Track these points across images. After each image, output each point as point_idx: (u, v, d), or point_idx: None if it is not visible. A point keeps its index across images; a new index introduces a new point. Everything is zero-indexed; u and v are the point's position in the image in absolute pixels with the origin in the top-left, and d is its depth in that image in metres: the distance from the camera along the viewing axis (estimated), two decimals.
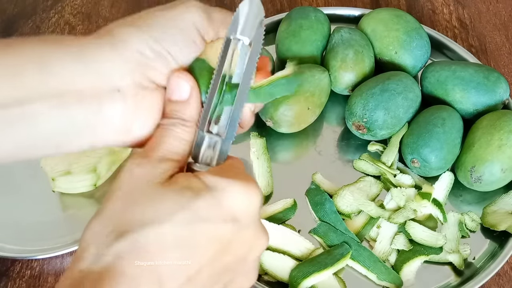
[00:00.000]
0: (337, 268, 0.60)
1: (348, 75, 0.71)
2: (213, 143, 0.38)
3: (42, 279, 0.62)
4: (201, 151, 0.38)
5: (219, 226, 0.34)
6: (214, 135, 0.38)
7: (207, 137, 0.38)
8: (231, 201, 0.34)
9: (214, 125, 0.38)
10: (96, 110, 0.35)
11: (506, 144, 0.64)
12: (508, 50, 0.82)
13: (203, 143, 0.38)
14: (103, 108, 0.35)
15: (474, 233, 0.65)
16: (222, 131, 0.38)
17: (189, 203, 0.33)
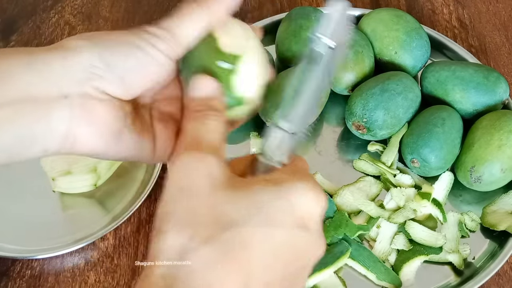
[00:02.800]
0: (337, 267, 0.60)
1: (348, 75, 0.71)
2: (281, 138, 0.37)
3: (42, 279, 0.62)
4: (269, 145, 0.37)
5: (292, 231, 0.33)
6: (283, 130, 0.37)
7: (277, 132, 0.37)
8: (301, 203, 0.33)
9: (283, 121, 0.37)
10: (44, 116, 0.35)
11: (506, 144, 0.64)
12: (508, 50, 0.82)
13: (273, 138, 0.37)
14: (50, 114, 0.35)
15: (474, 233, 0.65)
16: (291, 126, 0.37)
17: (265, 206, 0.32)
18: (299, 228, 0.33)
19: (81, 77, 0.36)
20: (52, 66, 0.35)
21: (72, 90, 0.36)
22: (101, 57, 0.36)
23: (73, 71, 0.36)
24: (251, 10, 0.85)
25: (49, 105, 0.35)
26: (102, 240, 0.64)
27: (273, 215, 0.32)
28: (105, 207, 0.66)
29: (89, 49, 0.36)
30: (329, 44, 0.38)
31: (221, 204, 0.32)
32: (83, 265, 0.63)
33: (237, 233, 0.31)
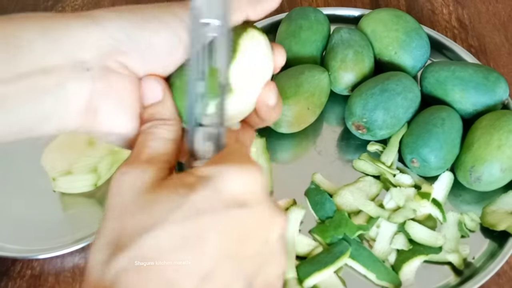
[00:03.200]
0: (337, 266, 0.60)
1: (347, 75, 0.71)
2: (207, 135, 0.36)
3: (42, 279, 0.62)
4: (195, 146, 0.36)
5: (223, 214, 0.31)
6: (206, 127, 0.36)
7: (199, 130, 0.36)
8: (229, 185, 0.32)
9: (203, 117, 0.36)
10: (64, 88, 0.33)
11: (506, 144, 0.64)
12: (507, 50, 0.82)
13: (196, 137, 0.36)
14: (71, 86, 0.33)
15: (474, 233, 0.65)
16: (213, 120, 0.36)
17: (183, 199, 0.31)
18: (234, 208, 0.31)
19: (104, 50, 0.34)
20: (72, 36, 0.33)
21: (94, 63, 0.34)
22: (126, 31, 0.34)
23: (95, 43, 0.34)
24: None
25: (67, 77, 0.33)
26: None
27: (197, 205, 0.31)
28: (105, 207, 0.66)
29: (114, 21, 0.34)
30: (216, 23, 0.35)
31: (138, 211, 0.31)
32: (84, 265, 0.63)
33: (154, 235, 0.30)
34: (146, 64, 0.36)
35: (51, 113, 0.34)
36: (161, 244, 0.30)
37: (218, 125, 0.36)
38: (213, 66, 0.36)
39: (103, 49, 0.34)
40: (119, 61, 0.35)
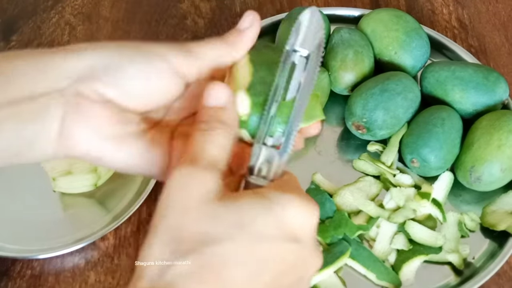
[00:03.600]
0: (337, 266, 0.60)
1: (347, 75, 0.71)
2: (268, 156, 0.37)
3: (42, 279, 0.62)
4: (257, 163, 0.37)
5: (280, 245, 0.33)
6: (270, 148, 0.37)
7: (263, 149, 0.37)
8: (290, 217, 0.33)
9: (269, 138, 0.37)
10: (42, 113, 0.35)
11: (505, 144, 0.64)
12: (507, 50, 0.82)
13: (259, 155, 0.37)
14: (47, 111, 0.35)
15: (474, 233, 0.65)
16: (278, 144, 0.37)
17: (251, 220, 0.32)
18: (289, 241, 0.33)
19: (79, 76, 0.36)
20: (52, 66, 0.36)
21: (68, 89, 0.35)
22: (102, 59, 0.36)
23: (71, 70, 0.36)
24: None
25: (46, 103, 0.35)
26: (103, 240, 0.64)
27: (258, 230, 0.32)
28: (105, 207, 0.66)
29: (91, 51, 0.36)
30: (302, 54, 0.38)
31: (206, 220, 0.32)
32: (84, 265, 0.63)
33: (217, 249, 0.31)
34: (123, 93, 0.36)
35: (33, 139, 0.35)
36: (224, 257, 0.31)
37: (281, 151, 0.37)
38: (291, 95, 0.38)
39: (78, 76, 0.36)
40: (93, 88, 0.36)
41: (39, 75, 0.35)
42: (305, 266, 0.34)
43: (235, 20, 0.84)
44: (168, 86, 0.38)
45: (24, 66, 0.36)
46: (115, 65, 0.36)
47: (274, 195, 0.33)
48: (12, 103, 0.35)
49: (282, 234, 0.33)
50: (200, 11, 0.86)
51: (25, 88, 0.35)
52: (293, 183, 0.36)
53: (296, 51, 0.38)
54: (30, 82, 0.35)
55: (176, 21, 0.84)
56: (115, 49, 0.37)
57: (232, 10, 0.86)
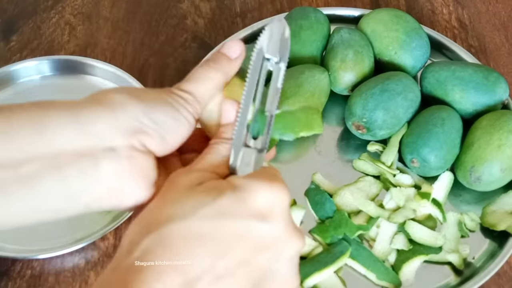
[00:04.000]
0: (337, 266, 0.60)
1: (347, 75, 0.71)
2: (249, 156, 0.39)
3: (42, 279, 0.62)
4: (237, 164, 0.39)
5: (244, 222, 0.34)
6: (251, 148, 0.40)
7: (244, 150, 0.39)
8: (255, 198, 0.35)
9: (250, 139, 0.40)
10: (90, 169, 0.36)
11: (505, 144, 0.64)
12: (507, 50, 0.82)
13: (240, 156, 0.39)
14: (97, 167, 0.36)
15: (474, 233, 0.65)
16: (257, 143, 0.40)
17: (213, 200, 0.34)
18: (255, 220, 0.34)
19: (128, 130, 0.37)
20: (100, 120, 0.36)
21: (119, 143, 0.36)
22: (146, 113, 0.37)
23: (121, 124, 0.37)
24: (251, 10, 0.86)
25: (95, 158, 0.36)
26: (103, 240, 0.64)
27: (223, 208, 0.34)
28: None
29: (135, 105, 0.37)
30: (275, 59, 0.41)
31: (174, 201, 0.34)
32: (84, 265, 0.63)
33: (179, 224, 0.33)
34: (163, 142, 0.38)
35: (77, 191, 0.36)
36: (185, 234, 0.33)
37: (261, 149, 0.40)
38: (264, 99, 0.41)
39: (127, 130, 0.37)
40: (141, 140, 0.37)
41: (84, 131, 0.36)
42: (280, 245, 0.35)
43: (235, 20, 0.84)
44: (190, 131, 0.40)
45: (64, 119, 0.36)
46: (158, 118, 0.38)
47: (238, 180, 0.36)
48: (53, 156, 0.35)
49: (246, 213, 0.34)
50: (200, 11, 0.86)
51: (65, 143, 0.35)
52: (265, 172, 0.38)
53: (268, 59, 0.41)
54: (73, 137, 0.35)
55: (176, 21, 0.85)
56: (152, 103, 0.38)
57: (232, 10, 0.86)
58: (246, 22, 0.83)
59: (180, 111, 0.39)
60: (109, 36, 0.83)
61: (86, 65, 0.77)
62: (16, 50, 0.81)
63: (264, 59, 0.41)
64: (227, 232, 0.34)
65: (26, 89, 0.76)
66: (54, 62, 0.77)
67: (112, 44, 0.82)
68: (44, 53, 0.80)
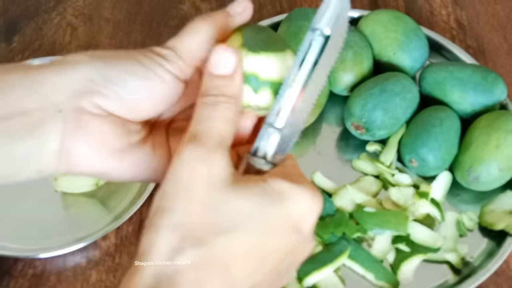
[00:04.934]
0: (337, 265, 0.61)
1: (347, 76, 0.71)
2: (273, 137, 0.36)
3: (44, 278, 0.63)
4: (263, 145, 0.36)
5: (285, 236, 0.33)
6: (279, 131, 0.36)
7: (272, 132, 0.36)
8: (299, 211, 0.34)
9: (276, 118, 0.36)
10: (36, 132, 0.33)
11: (504, 144, 0.64)
12: (506, 51, 0.82)
13: (268, 137, 0.36)
14: (42, 129, 0.34)
15: (472, 232, 0.65)
16: (284, 125, 0.36)
17: (261, 213, 0.32)
18: (293, 232, 0.34)
19: (77, 90, 0.34)
20: (46, 79, 0.34)
21: (66, 104, 0.34)
22: (100, 71, 0.34)
23: (68, 84, 0.34)
24: None
25: (42, 119, 0.33)
26: (104, 239, 0.65)
27: (268, 222, 0.33)
28: (106, 206, 0.66)
29: (87, 63, 0.35)
30: (325, 33, 0.36)
31: (218, 207, 0.32)
32: (85, 264, 0.63)
33: (227, 240, 0.31)
34: (124, 104, 0.35)
35: (28, 156, 0.34)
36: (233, 249, 0.32)
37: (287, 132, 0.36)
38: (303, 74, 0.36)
39: (75, 91, 0.34)
40: (93, 102, 0.34)
41: (32, 90, 0.34)
42: (300, 253, 0.35)
43: None
44: (170, 93, 0.36)
45: (15, 80, 0.34)
46: (116, 77, 0.35)
47: (284, 186, 0.33)
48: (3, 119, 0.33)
49: (288, 226, 0.33)
50: (201, 12, 0.86)
51: (15, 103, 0.33)
52: (296, 170, 0.36)
53: (315, 30, 0.36)
54: (22, 97, 0.33)
55: (176, 22, 0.85)
56: (113, 60, 0.35)
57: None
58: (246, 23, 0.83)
59: (151, 68, 0.35)
60: (110, 37, 0.83)
61: None
62: (18, 51, 0.81)
63: (313, 29, 0.36)
64: (269, 247, 0.33)
65: None
66: None
67: (113, 45, 0.82)
68: (45, 54, 0.80)
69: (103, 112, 0.35)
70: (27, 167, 0.34)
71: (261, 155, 0.36)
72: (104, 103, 0.35)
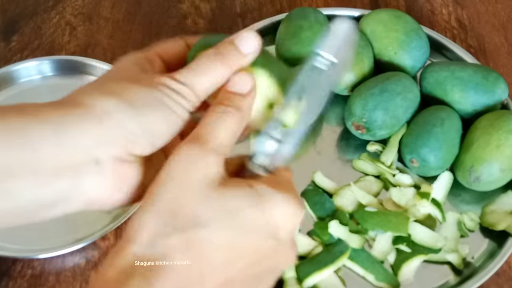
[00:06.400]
0: (337, 266, 0.60)
1: (347, 75, 0.71)
2: (273, 148, 0.38)
3: (43, 278, 0.63)
4: (259, 152, 0.38)
5: (261, 240, 0.35)
6: (277, 140, 0.38)
7: (270, 141, 0.38)
8: (277, 217, 0.35)
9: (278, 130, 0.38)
10: (73, 182, 0.35)
11: (505, 144, 0.64)
12: (507, 50, 0.82)
13: (265, 145, 0.38)
14: (80, 180, 0.35)
15: (473, 233, 0.65)
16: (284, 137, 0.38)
17: (240, 212, 0.34)
18: (270, 238, 0.35)
19: (115, 141, 0.35)
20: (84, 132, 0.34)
21: (104, 155, 0.35)
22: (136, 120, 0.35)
23: (107, 135, 0.35)
24: (251, 11, 0.86)
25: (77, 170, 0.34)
26: (103, 239, 0.65)
27: (244, 222, 0.34)
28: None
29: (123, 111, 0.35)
30: (332, 60, 0.38)
31: (201, 202, 0.34)
32: (84, 265, 0.63)
33: (205, 231, 0.33)
34: (151, 148, 0.37)
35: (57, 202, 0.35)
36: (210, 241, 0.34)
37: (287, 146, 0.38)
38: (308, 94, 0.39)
39: (112, 140, 0.35)
40: (127, 149, 0.36)
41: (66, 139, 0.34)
42: (278, 259, 0.36)
43: (235, 20, 0.84)
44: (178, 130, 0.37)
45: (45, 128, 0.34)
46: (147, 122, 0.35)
47: (267, 192, 0.35)
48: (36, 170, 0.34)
49: (265, 231, 0.35)
50: (200, 11, 0.86)
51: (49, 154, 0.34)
52: (288, 181, 0.37)
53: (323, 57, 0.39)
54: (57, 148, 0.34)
55: (176, 21, 0.85)
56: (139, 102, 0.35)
57: (232, 10, 0.86)
58: (246, 23, 0.83)
59: (173, 109, 0.36)
60: (110, 36, 0.83)
61: (87, 66, 0.77)
62: (16, 50, 0.81)
63: (315, 53, 0.38)
64: (243, 246, 0.34)
65: (26, 89, 0.76)
66: (55, 63, 0.77)
67: (113, 45, 0.82)
68: (44, 53, 0.80)
69: (132, 157, 0.36)
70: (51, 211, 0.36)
71: (257, 162, 0.38)
72: (137, 150, 0.36)
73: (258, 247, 0.35)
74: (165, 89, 0.36)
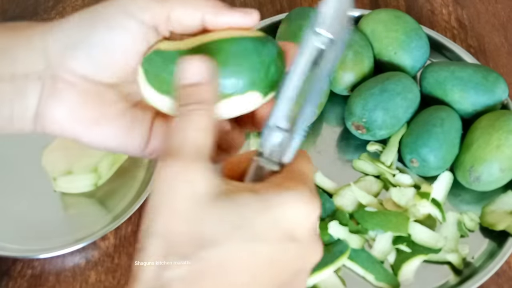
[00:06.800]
0: (337, 266, 0.60)
1: (347, 75, 0.71)
2: (280, 139, 0.35)
3: (43, 278, 0.63)
4: (267, 145, 0.35)
5: (279, 245, 0.32)
6: (282, 130, 0.35)
7: (275, 132, 0.35)
8: (290, 218, 0.32)
9: (284, 120, 0.35)
10: (22, 95, 0.37)
11: (505, 144, 0.64)
12: (507, 50, 0.82)
13: (271, 137, 0.35)
14: (27, 94, 0.37)
15: (473, 233, 0.65)
16: (291, 127, 0.35)
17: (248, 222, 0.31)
18: (286, 241, 0.32)
19: (54, 58, 0.36)
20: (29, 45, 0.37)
21: (45, 70, 0.36)
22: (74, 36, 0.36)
23: (48, 51, 0.36)
24: None
25: (24, 84, 0.37)
26: (103, 239, 0.65)
27: (255, 232, 0.31)
28: (105, 206, 0.66)
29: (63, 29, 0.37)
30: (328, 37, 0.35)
31: (201, 221, 0.31)
32: (84, 265, 0.63)
33: (214, 252, 0.30)
34: (93, 64, 0.36)
35: (12, 117, 0.37)
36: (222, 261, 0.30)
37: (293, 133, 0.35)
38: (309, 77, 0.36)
39: (53, 59, 0.36)
40: (67, 68, 0.36)
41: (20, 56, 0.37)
42: (303, 260, 0.34)
43: None
44: (140, 42, 0.36)
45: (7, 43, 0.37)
46: (80, 37, 0.36)
47: (272, 196, 0.32)
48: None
49: (280, 235, 0.32)
50: None
51: (6, 67, 0.37)
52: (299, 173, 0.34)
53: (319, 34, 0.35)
54: (12, 62, 0.37)
55: None
56: (82, 22, 0.36)
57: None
58: None
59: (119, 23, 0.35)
60: None
61: None
62: None
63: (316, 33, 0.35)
64: (262, 257, 0.31)
65: None
66: None
67: None
68: None
69: (78, 78, 0.36)
70: (11, 125, 0.38)
71: (267, 156, 0.35)
72: (75, 66, 0.36)
73: (278, 255, 0.32)
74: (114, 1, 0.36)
